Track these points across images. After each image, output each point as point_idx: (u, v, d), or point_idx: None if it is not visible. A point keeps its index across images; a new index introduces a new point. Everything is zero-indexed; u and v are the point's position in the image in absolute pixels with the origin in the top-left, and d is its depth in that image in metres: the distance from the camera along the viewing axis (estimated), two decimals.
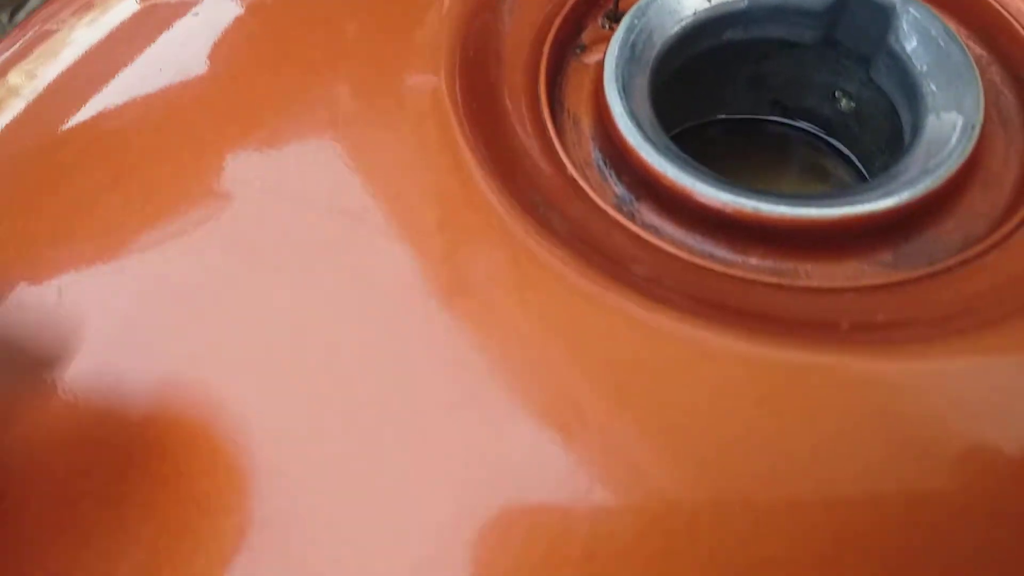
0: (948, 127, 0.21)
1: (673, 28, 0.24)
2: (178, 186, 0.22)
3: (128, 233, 0.21)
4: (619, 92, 0.22)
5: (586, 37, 0.25)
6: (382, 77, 0.23)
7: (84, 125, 0.24)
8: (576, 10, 0.25)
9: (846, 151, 0.28)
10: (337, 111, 0.22)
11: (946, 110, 0.21)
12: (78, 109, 0.25)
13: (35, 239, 0.21)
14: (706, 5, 0.24)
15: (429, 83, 0.22)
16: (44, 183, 0.23)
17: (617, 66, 0.23)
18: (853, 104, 0.27)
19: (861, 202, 0.20)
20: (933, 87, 0.22)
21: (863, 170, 0.27)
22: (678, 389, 0.17)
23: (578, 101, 0.24)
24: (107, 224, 0.21)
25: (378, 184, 0.21)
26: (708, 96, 0.28)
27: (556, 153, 0.22)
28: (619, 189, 0.22)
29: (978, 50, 0.24)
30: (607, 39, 0.25)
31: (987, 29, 0.24)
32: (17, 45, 0.28)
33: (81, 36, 0.27)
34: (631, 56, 0.23)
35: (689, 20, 0.24)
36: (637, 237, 0.20)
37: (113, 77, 0.25)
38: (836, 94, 0.27)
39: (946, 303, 0.18)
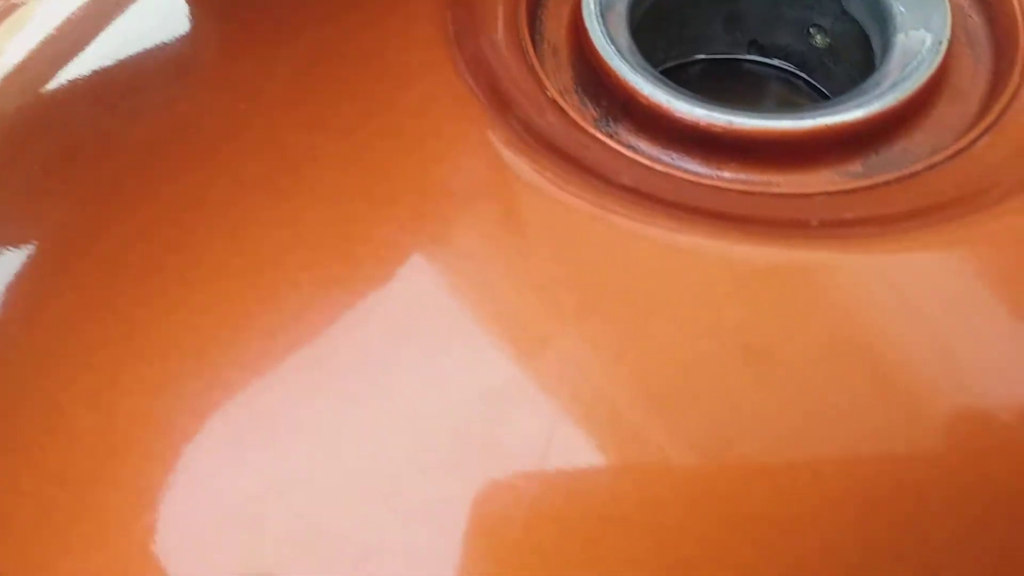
0: (917, 43, 0.22)
1: None
2: None
3: None
4: (597, 18, 0.23)
5: None
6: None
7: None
8: None
9: (822, 88, 0.28)
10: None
11: (914, 28, 0.22)
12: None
13: None
14: None
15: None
16: None
17: None
18: (828, 40, 0.27)
19: (832, 114, 0.20)
20: (902, 8, 0.22)
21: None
22: (656, 288, 0.18)
23: (557, 32, 0.25)
24: None
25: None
26: (685, 37, 0.29)
27: (538, 77, 0.23)
28: (598, 112, 0.23)
29: None
30: None
31: None
32: None
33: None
34: None
35: None
36: (616, 152, 0.21)
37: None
38: (811, 30, 0.27)
39: (913, 203, 0.19)
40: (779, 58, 0.29)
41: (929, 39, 0.21)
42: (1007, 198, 0.18)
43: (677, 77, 0.29)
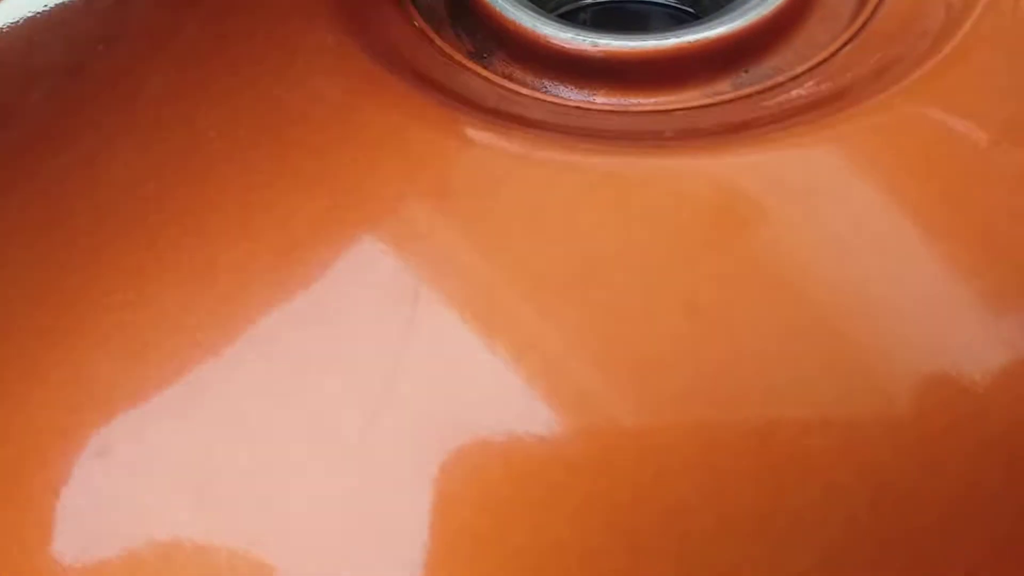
0: None
1: None
2: None
3: None
4: None
5: None
6: None
7: None
8: None
9: None
10: None
11: None
12: None
13: None
14: None
15: None
16: None
17: None
18: None
19: (697, 32, 0.20)
20: None
21: None
22: (515, 199, 0.17)
23: None
24: None
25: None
26: None
27: (410, 18, 0.23)
28: (473, 46, 0.22)
29: None
30: None
31: None
32: None
33: None
34: None
35: None
36: (486, 79, 0.21)
37: None
38: None
39: (769, 112, 0.19)
40: None
41: None
42: (860, 101, 0.18)
43: (570, 19, 0.29)
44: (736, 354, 0.16)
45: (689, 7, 0.29)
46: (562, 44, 0.20)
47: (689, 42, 0.20)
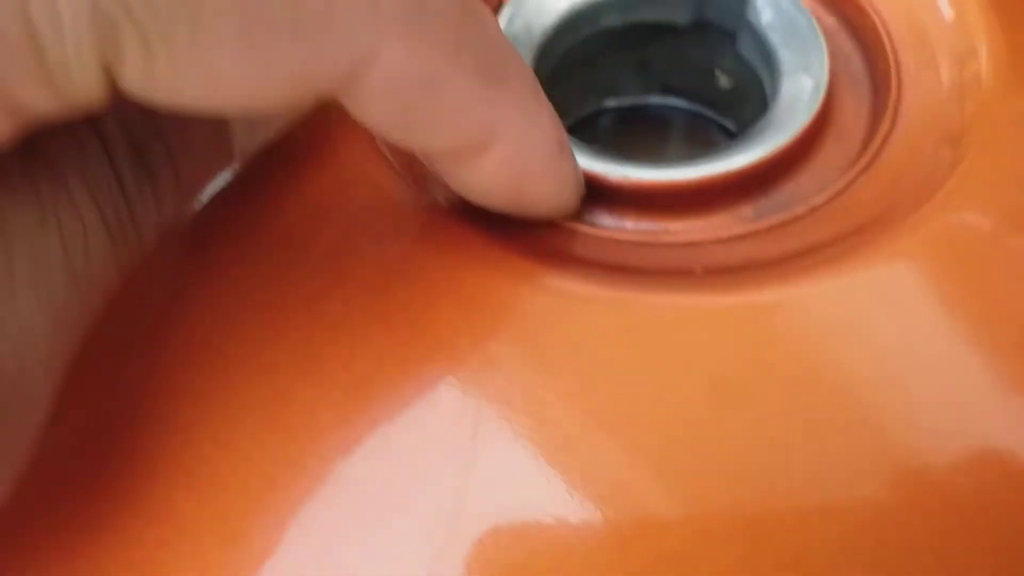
0: (799, 89, 0.23)
1: (551, 18, 0.26)
2: None
3: None
4: None
5: None
6: None
7: None
8: None
9: (730, 127, 0.30)
10: None
11: (797, 73, 0.23)
12: None
13: None
14: None
15: None
16: None
17: None
18: (731, 80, 0.29)
19: (720, 163, 0.22)
20: (786, 53, 0.24)
21: None
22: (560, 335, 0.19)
23: None
24: None
25: None
26: (593, 85, 0.30)
27: None
28: None
29: (828, 19, 0.26)
30: None
31: (836, 2, 0.26)
32: None
33: None
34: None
35: (566, 10, 0.26)
36: None
37: None
38: (715, 72, 0.29)
39: (797, 245, 0.20)
40: (687, 99, 0.30)
41: (810, 84, 0.23)
42: (883, 233, 0.20)
43: (590, 126, 0.31)
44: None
45: (708, 108, 0.30)
46: (595, 174, 0.22)
47: (714, 175, 0.21)
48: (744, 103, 0.29)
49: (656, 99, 0.30)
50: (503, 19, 0.25)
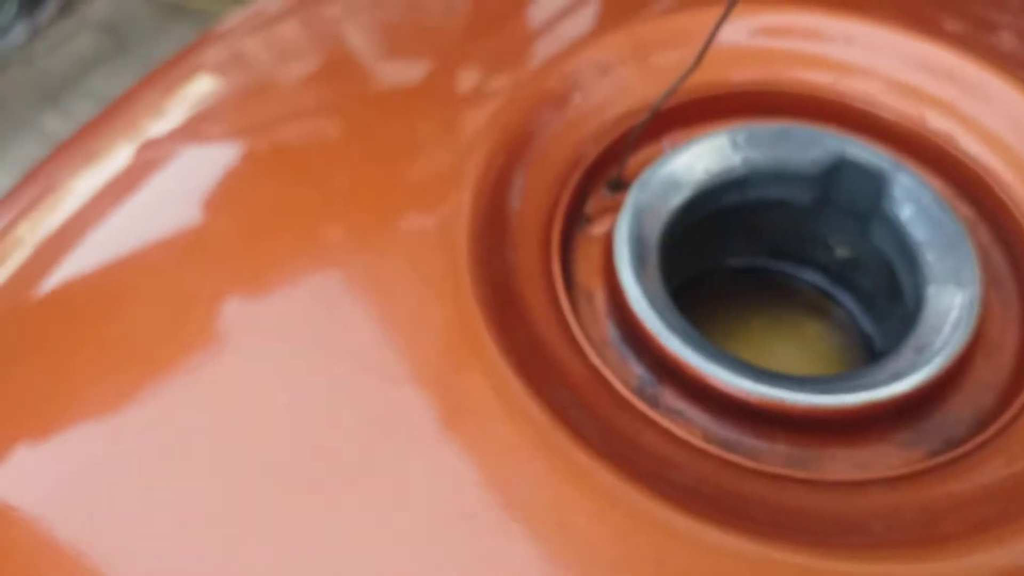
0: (948, 301, 0.22)
1: (676, 200, 0.25)
2: (174, 335, 0.22)
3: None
4: (633, 273, 0.23)
5: (590, 208, 0.26)
6: (399, 270, 0.23)
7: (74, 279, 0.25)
8: (579, 185, 0.25)
9: (842, 297, 0.29)
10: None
11: (945, 282, 0.22)
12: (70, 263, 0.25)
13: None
14: (705, 176, 0.25)
15: (446, 274, 0.22)
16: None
17: (627, 244, 0.23)
18: (848, 253, 0.28)
19: (879, 387, 0.21)
20: (930, 257, 0.23)
21: (858, 312, 0.28)
22: None
23: (589, 275, 0.25)
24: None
25: (406, 391, 0.21)
26: (710, 249, 0.29)
27: (574, 338, 0.23)
28: (640, 371, 0.23)
29: (965, 210, 0.25)
30: (611, 209, 0.26)
31: (973, 191, 0.25)
32: (25, 200, 0.28)
33: (81, 188, 0.27)
34: (639, 232, 0.24)
35: (690, 191, 0.25)
36: (667, 432, 0.21)
37: (108, 228, 0.26)
38: (831, 243, 0.28)
39: (968, 492, 0.19)
40: (802, 266, 0.29)
41: (960, 297, 0.22)
42: None
43: (704, 283, 0.30)
44: None
45: (833, 280, 0.29)
46: (746, 397, 0.21)
47: (877, 400, 0.20)
48: (861, 273, 0.28)
49: (767, 264, 0.29)
50: (629, 203, 0.24)
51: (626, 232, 0.24)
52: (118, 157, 0.28)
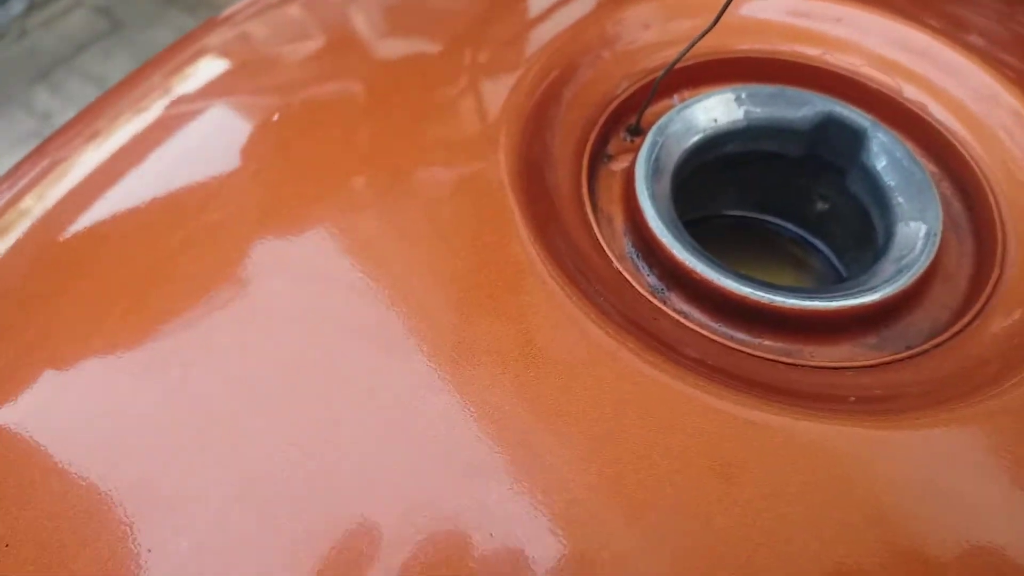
0: (914, 234, 0.26)
1: (687, 142, 0.29)
2: (202, 278, 0.25)
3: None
4: (649, 198, 0.27)
5: (611, 148, 0.30)
6: (453, 190, 0.27)
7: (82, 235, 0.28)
8: (603, 128, 0.29)
9: (820, 245, 0.33)
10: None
11: (912, 220, 0.26)
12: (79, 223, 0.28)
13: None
14: (713, 124, 0.29)
15: (496, 186, 0.26)
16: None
17: (645, 175, 0.27)
18: (827, 206, 0.32)
19: (853, 297, 0.25)
20: (900, 199, 0.27)
21: (834, 260, 0.32)
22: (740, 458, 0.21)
23: (609, 202, 0.28)
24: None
25: (448, 279, 0.24)
26: (708, 198, 0.33)
27: (602, 248, 0.27)
28: (651, 279, 0.26)
29: (931, 167, 0.29)
30: (630, 150, 0.30)
31: (940, 151, 0.29)
32: (32, 173, 0.30)
33: (120, 134, 0.30)
34: (655, 167, 0.28)
35: (700, 136, 0.29)
36: (677, 322, 0.25)
37: (142, 172, 0.29)
38: (814, 197, 0.32)
39: (923, 380, 0.23)
40: (786, 219, 0.33)
41: (924, 230, 0.26)
42: (1001, 376, 0.22)
43: (703, 228, 0.34)
44: None
45: (803, 228, 0.33)
46: (743, 297, 0.24)
47: (849, 306, 0.24)
48: (838, 225, 0.32)
49: (759, 214, 0.33)
50: (648, 142, 0.28)
51: (644, 164, 0.27)
52: (155, 108, 0.31)
